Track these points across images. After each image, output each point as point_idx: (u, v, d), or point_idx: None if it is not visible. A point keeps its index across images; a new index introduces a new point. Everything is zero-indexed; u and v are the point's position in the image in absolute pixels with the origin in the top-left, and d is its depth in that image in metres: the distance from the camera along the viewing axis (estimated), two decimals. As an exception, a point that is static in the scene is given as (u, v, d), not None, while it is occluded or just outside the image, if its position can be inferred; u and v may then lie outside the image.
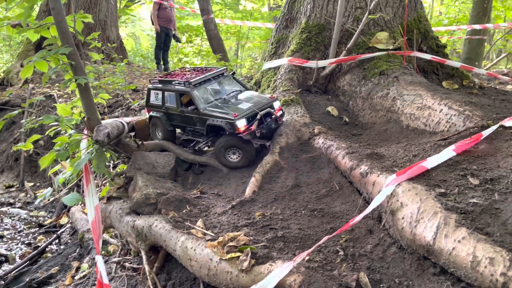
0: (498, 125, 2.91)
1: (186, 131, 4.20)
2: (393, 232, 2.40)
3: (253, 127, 3.64)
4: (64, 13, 3.65)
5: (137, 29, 27.40)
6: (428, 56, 4.80)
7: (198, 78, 3.93)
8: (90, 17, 4.04)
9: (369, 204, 2.75)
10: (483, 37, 11.98)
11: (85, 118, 3.83)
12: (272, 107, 3.88)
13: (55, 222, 5.97)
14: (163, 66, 10.61)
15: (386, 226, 2.48)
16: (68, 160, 3.88)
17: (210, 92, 3.99)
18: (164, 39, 10.44)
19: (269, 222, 2.74)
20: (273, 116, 3.84)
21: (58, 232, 5.50)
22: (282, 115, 3.98)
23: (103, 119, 6.70)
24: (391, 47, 4.65)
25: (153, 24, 10.59)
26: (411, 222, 2.24)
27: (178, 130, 4.41)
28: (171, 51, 18.45)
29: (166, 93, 4.10)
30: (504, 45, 18.34)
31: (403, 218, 2.30)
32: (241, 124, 3.57)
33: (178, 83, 3.97)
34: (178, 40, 11.58)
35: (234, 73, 4.29)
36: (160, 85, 4.18)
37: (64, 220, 5.94)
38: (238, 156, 3.75)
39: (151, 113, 4.35)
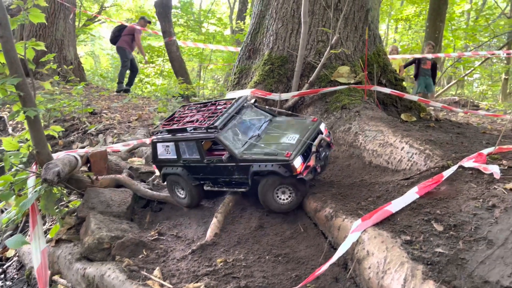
0: (457, 165, 2.95)
1: (219, 183, 3.41)
2: (359, 282, 2.33)
3: (312, 162, 3.00)
4: (13, 41, 3.42)
5: (96, 48, 26.84)
6: (388, 90, 4.91)
7: (222, 118, 3.21)
8: (42, 44, 3.82)
9: (334, 248, 2.69)
10: (435, 65, 12.62)
11: (34, 152, 3.57)
12: (320, 131, 3.29)
13: (1, 255, 5.54)
14: (124, 86, 10.44)
15: (353, 275, 2.41)
16: (13, 197, 3.58)
17: (240, 131, 3.28)
18: (131, 60, 10.50)
19: (232, 270, 2.60)
20: (323, 142, 3.20)
21: (4, 267, 5.09)
22: (331, 138, 3.41)
23: (57, 143, 6.39)
24: (352, 81, 4.72)
25: (114, 44, 10.51)
26: (378, 272, 2.18)
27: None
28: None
29: (181, 143, 3.35)
30: (454, 72, 19.45)
31: (369, 267, 2.24)
32: (298, 163, 2.92)
33: (197, 129, 3.22)
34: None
35: (256, 101, 3.67)
36: (169, 136, 3.40)
37: (10, 252, 5.52)
38: (290, 196, 3.11)
39: (164, 171, 3.54)
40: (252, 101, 3.62)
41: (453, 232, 2.31)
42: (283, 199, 3.12)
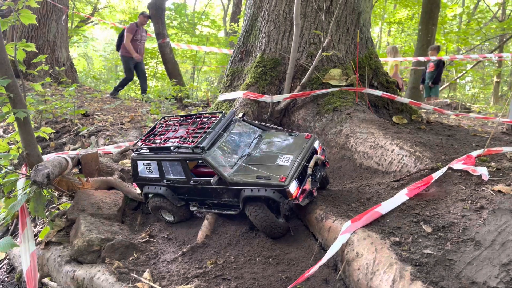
0: (446, 167, 2.98)
1: (206, 205, 3.21)
2: (349, 283, 2.34)
3: (307, 185, 2.83)
4: (3, 42, 3.40)
5: (89, 49, 26.72)
6: (379, 93, 4.94)
7: (209, 137, 3.00)
8: (33, 46, 3.79)
9: (324, 250, 2.70)
10: (427, 68, 12.73)
11: (24, 154, 3.54)
12: (315, 150, 3.10)
13: (-9, 258, 5.49)
14: (116, 94, 10.02)
15: (342, 276, 2.41)
16: (3, 199, 3.54)
17: (229, 150, 3.08)
18: (136, 68, 9.88)
19: (222, 272, 2.60)
20: (318, 161, 2.98)
21: (-6, 270, 5.04)
22: (325, 156, 3.19)
23: (49, 145, 6.35)
24: (344, 84, 4.74)
25: (118, 50, 9.90)
26: (367, 273, 2.19)
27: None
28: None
29: (164, 162, 3.14)
30: (446, 75, 19.62)
31: (359, 269, 2.25)
32: (293, 188, 2.73)
33: (182, 149, 3.01)
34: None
35: (244, 114, 3.45)
36: (151, 153, 3.18)
37: (1, 255, 5.48)
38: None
39: (145, 190, 3.35)
40: (241, 115, 3.47)
41: (441, 234, 2.32)
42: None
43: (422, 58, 11.72)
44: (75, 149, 5.62)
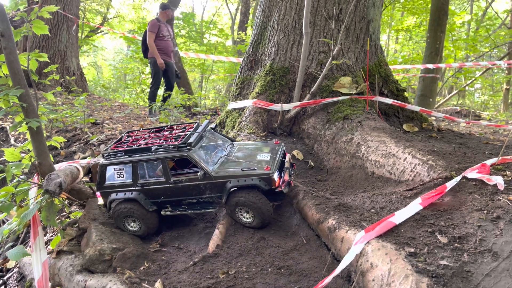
0: (461, 176, 2.94)
1: (182, 205, 3.29)
2: (363, 295, 2.30)
3: (286, 177, 3.24)
4: (17, 53, 3.44)
5: (99, 59, 27.05)
6: (389, 101, 4.91)
7: (194, 137, 3.21)
8: (46, 56, 3.84)
9: (337, 260, 2.66)
10: (436, 75, 12.68)
11: (36, 163, 3.56)
12: (284, 153, 3.52)
13: (1, 266, 5.51)
14: (154, 110, 8.26)
15: None
16: (15, 208, 3.56)
17: (208, 150, 3.30)
18: (164, 75, 8.55)
19: (234, 282, 2.58)
20: (286, 161, 3.42)
21: (5, 278, 5.06)
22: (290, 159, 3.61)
23: (59, 154, 6.39)
24: (354, 92, 4.73)
25: (146, 57, 8.54)
26: (382, 285, 2.15)
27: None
28: (133, 82, 18.17)
29: (141, 164, 3.19)
30: (455, 82, 19.50)
31: (373, 280, 2.21)
32: (277, 177, 3.08)
33: (162, 148, 3.13)
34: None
35: (216, 125, 3.67)
36: (125, 157, 3.23)
37: (11, 264, 5.50)
38: (252, 216, 3.16)
39: (112, 197, 3.30)
40: (212, 125, 3.65)
41: (457, 244, 2.28)
42: (247, 218, 3.23)
43: (430, 66, 11.67)
44: (85, 158, 5.65)
